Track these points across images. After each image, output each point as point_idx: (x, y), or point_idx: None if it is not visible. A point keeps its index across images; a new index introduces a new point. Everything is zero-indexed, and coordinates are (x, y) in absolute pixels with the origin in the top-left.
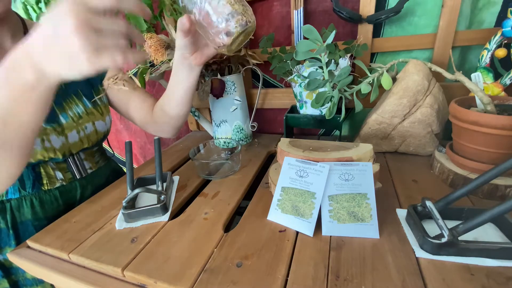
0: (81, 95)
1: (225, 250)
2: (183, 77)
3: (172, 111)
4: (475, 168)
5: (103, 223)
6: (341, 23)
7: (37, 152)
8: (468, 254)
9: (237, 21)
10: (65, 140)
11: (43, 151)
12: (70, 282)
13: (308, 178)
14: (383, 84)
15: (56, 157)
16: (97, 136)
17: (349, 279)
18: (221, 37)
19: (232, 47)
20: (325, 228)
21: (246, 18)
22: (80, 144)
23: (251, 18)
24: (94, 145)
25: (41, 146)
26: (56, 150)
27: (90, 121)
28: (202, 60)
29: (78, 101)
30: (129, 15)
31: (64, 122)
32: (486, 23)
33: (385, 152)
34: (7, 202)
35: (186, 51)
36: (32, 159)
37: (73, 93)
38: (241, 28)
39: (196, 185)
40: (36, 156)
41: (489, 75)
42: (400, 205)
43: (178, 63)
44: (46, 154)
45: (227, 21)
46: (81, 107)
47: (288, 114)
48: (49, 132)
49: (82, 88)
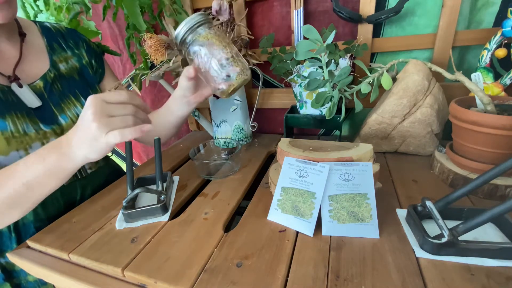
0: (79, 96)
1: (225, 250)
2: (178, 109)
3: (159, 133)
4: (475, 168)
5: (103, 223)
6: (341, 23)
7: None
8: (468, 254)
9: (236, 75)
10: None
11: None
12: (70, 282)
13: (308, 178)
14: (383, 84)
15: None
16: None
17: (349, 279)
18: (221, 87)
19: (228, 91)
20: (325, 228)
21: (244, 73)
22: None
23: (248, 72)
24: None
25: None
26: None
27: None
28: (200, 100)
29: (76, 102)
30: (128, 14)
31: (64, 123)
32: (485, 23)
33: (385, 152)
34: None
35: (188, 92)
36: None
37: (71, 94)
38: (238, 82)
39: (196, 185)
40: None
41: (489, 75)
42: (400, 205)
43: (177, 99)
44: None
45: (228, 76)
46: (79, 108)
47: (288, 114)
48: (49, 135)
49: (79, 89)
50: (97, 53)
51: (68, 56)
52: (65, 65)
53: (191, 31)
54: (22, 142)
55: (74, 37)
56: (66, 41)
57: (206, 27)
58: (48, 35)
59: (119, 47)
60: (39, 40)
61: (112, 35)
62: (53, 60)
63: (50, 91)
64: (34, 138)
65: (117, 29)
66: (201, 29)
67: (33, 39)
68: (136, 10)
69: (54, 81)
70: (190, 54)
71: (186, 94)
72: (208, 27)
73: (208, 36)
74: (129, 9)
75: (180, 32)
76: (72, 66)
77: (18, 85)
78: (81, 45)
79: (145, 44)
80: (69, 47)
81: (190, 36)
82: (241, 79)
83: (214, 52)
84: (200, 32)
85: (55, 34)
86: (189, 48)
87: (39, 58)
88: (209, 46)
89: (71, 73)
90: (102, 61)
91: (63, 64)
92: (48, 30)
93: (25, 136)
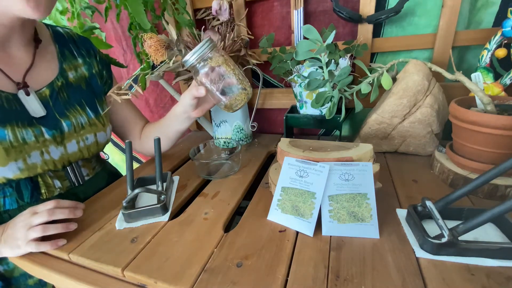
0: (85, 105)
1: (225, 250)
2: (178, 124)
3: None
4: (475, 168)
5: (103, 223)
6: (341, 23)
7: (37, 166)
8: (468, 254)
9: (241, 94)
10: (63, 151)
11: (43, 164)
12: (70, 282)
13: (308, 178)
14: (383, 84)
15: (56, 169)
16: (98, 147)
17: (349, 279)
18: (228, 103)
19: (234, 108)
20: (325, 228)
21: (247, 91)
22: (79, 155)
23: (250, 90)
24: (94, 155)
25: (41, 159)
26: (56, 162)
27: (92, 132)
28: (201, 114)
29: (82, 112)
30: (132, 14)
31: (66, 131)
32: (485, 23)
33: (385, 152)
34: (4, 213)
35: (190, 109)
36: (31, 173)
37: (77, 103)
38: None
39: (196, 185)
40: (36, 170)
41: (489, 75)
42: (400, 205)
43: (177, 115)
44: (46, 167)
45: (233, 94)
46: (84, 118)
47: (288, 114)
48: (48, 143)
49: (85, 98)
50: (107, 64)
51: (79, 64)
52: (74, 74)
53: (201, 59)
54: (21, 152)
55: (87, 45)
56: (78, 48)
57: (215, 51)
58: (60, 41)
59: (123, 47)
60: (51, 46)
61: (116, 36)
62: (63, 67)
63: (55, 99)
64: (33, 146)
65: (120, 30)
66: (210, 53)
67: (45, 45)
68: (141, 8)
69: (60, 90)
70: (198, 75)
71: (187, 110)
72: (217, 51)
73: (219, 61)
74: (133, 8)
75: (189, 60)
76: (81, 75)
77: (26, 92)
78: (93, 54)
79: (145, 44)
80: (81, 55)
81: (201, 62)
82: (246, 96)
83: (222, 73)
84: (210, 56)
85: (67, 41)
86: (198, 70)
87: (49, 65)
88: (218, 69)
89: (79, 82)
90: (111, 72)
91: (72, 72)
92: (60, 36)
93: (24, 145)
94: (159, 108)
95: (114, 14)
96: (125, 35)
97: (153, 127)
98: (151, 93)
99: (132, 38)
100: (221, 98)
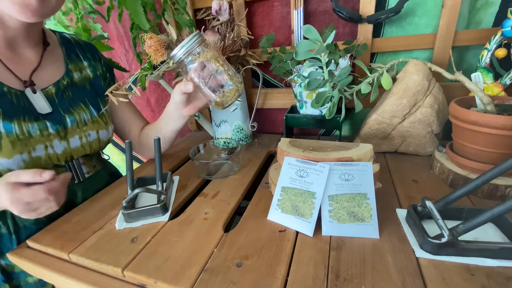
0: (88, 104)
1: (225, 250)
2: (172, 122)
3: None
4: (475, 168)
5: (103, 223)
6: (341, 23)
7: (41, 159)
8: (468, 254)
9: (231, 90)
10: (67, 145)
11: (47, 158)
12: (70, 282)
13: (308, 178)
14: (383, 84)
15: (59, 163)
16: (100, 144)
17: (349, 279)
18: (217, 100)
19: (224, 104)
20: (325, 228)
21: (238, 88)
22: (82, 150)
23: (241, 86)
24: (96, 152)
25: (45, 152)
26: (59, 156)
27: (95, 129)
28: (193, 112)
29: (85, 109)
30: (132, 15)
31: (69, 126)
32: (484, 23)
33: (385, 152)
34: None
35: (181, 106)
36: (35, 167)
37: (81, 102)
38: (233, 95)
39: (196, 185)
40: (40, 163)
41: (489, 75)
42: (400, 205)
43: (170, 112)
44: (49, 161)
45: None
46: (87, 115)
47: (288, 114)
48: (52, 138)
49: (89, 97)
50: (110, 68)
51: (84, 66)
52: (79, 74)
53: (189, 53)
54: (27, 145)
55: (92, 50)
56: (84, 52)
57: (203, 46)
58: (67, 45)
59: (125, 47)
60: (58, 49)
61: (118, 36)
62: (69, 68)
63: (61, 97)
64: (38, 140)
65: (122, 30)
66: (199, 48)
67: (53, 47)
68: (139, 9)
69: (66, 88)
70: (187, 70)
71: (178, 107)
72: (205, 46)
73: (207, 56)
74: (131, 9)
75: (177, 54)
76: (86, 76)
77: (32, 90)
78: (97, 58)
79: (145, 44)
80: (86, 58)
81: (189, 57)
82: (236, 93)
83: (211, 69)
84: (198, 51)
85: (74, 45)
86: (187, 65)
87: (56, 65)
88: (207, 64)
89: (83, 82)
90: (114, 74)
91: (77, 73)
92: (67, 41)
93: (30, 138)
94: (160, 108)
95: (116, 14)
96: (127, 35)
97: (150, 128)
98: (152, 92)
99: (132, 38)
100: (210, 95)
